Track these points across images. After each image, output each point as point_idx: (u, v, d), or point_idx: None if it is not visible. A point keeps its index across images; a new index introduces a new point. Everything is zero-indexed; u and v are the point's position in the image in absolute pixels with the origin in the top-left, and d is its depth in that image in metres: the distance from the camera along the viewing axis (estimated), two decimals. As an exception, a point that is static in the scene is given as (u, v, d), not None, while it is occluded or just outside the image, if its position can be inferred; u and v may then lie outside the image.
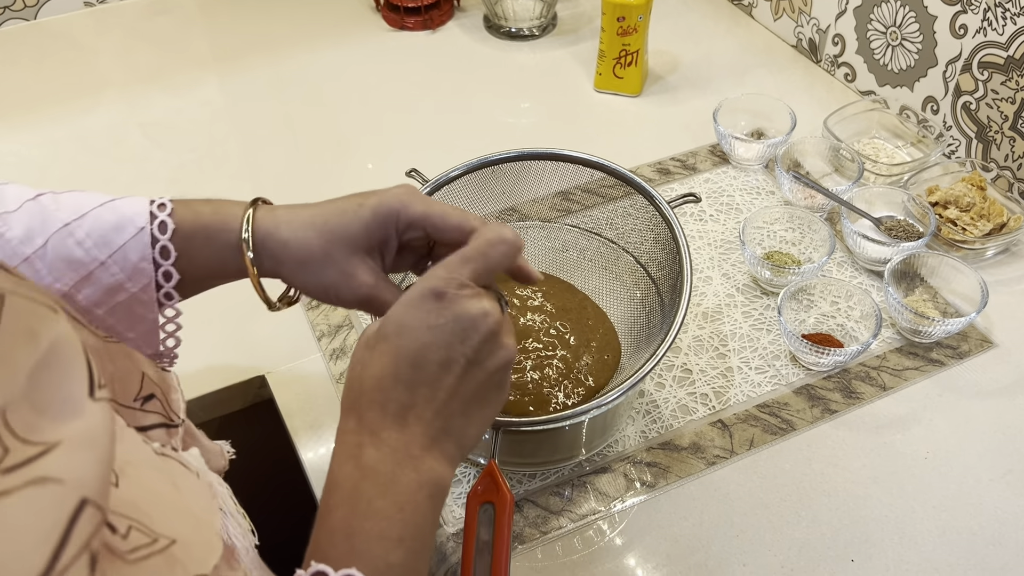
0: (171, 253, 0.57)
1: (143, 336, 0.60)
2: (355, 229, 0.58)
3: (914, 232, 0.99)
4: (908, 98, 1.15)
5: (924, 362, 0.90)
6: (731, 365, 0.90)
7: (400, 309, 0.52)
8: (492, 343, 0.53)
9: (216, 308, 0.97)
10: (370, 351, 0.52)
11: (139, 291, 0.57)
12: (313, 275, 0.59)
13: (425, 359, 0.51)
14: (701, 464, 0.82)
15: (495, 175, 0.83)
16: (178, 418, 0.51)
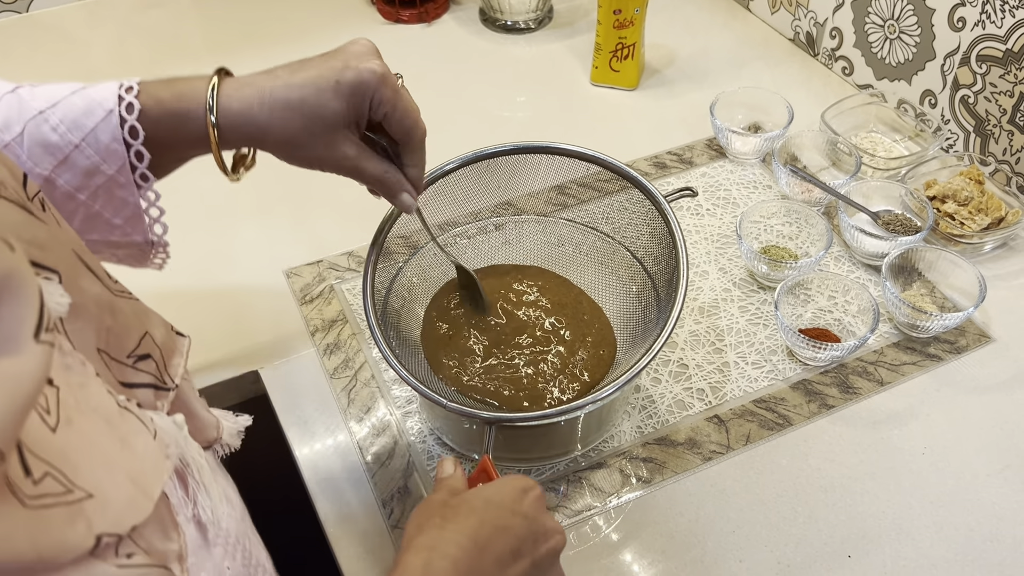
0: (139, 132, 0.58)
1: (130, 222, 0.62)
2: (335, 108, 0.60)
3: (912, 226, 0.98)
4: (906, 92, 1.14)
5: (921, 357, 0.90)
6: (727, 360, 0.90)
7: (493, 487, 0.56)
8: (554, 561, 0.57)
9: (209, 303, 0.96)
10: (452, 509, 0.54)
11: (115, 173, 0.59)
12: (295, 152, 0.62)
13: (501, 538, 0.53)
14: (697, 460, 0.82)
15: (490, 168, 0.82)
16: (172, 382, 0.51)
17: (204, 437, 0.57)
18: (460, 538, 0.52)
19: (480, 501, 0.54)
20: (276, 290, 0.97)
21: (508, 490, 0.55)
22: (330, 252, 1.01)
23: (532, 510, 0.55)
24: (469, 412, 0.68)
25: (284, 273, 0.99)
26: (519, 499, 0.55)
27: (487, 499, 0.54)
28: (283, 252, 1.01)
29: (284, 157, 0.63)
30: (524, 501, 0.55)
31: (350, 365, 0.89)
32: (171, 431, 0.46)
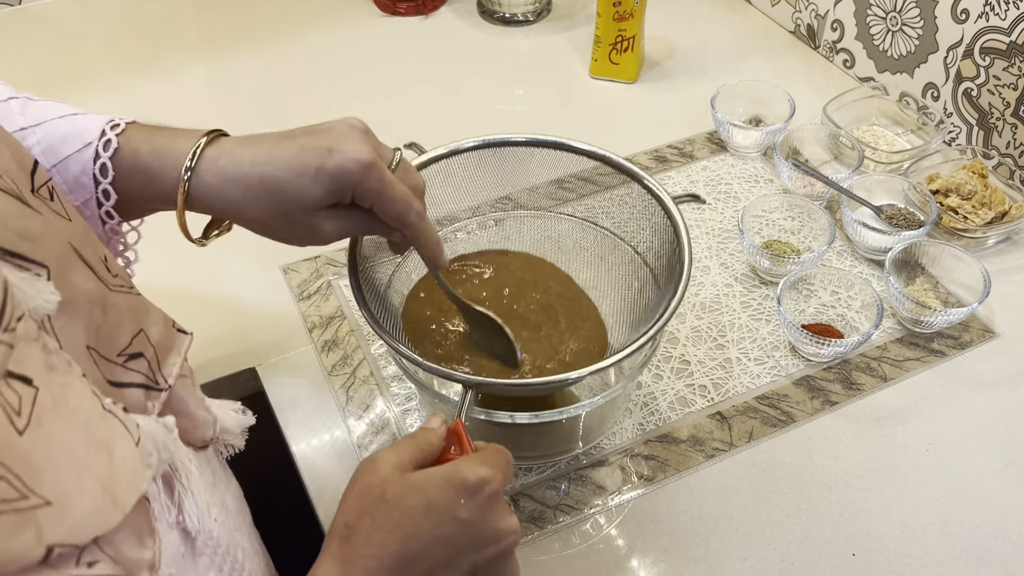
0: (109, 172, 0.56)
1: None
2: (314, 195, 0.57)
3: (915, 221, 0.97)
4: (908, 84, 1.13)
5: (925, 352, 0.89)
6: (730, 356, 0.89)
7: (436, 483, 0.51)
8: (503, 562, 0.53)
9: (205, 300, 0.95)
10: (387, 507, 0.50)
11: (81, 205, 0.57)
12: (271, 233, 0.61)
13: (435, 548, 0.50)
14: (700, 457, 0.81)
15: (497, 158, 0.80)
16: (165, 382, 0.49)
17: (198, 438, 0.55)
18: (383, 553, 0.49)
19: (420, 504, 0.50)
20: (273, 286, 0.96)
21: (454, 490, 0.50)
22: (328, 248, 1.00)
23: (477, 513, 0.50)
24: (446, 372, 0.65)
25: (281, 269, 0.98)
26: (466, 501, 0.50)
27: (428, 503, 0.50)
28: (280, 248, 0.99)
29: (260, 234, 0.61)
30: (471, 503, 0.50)
31: (348, 362, 0.88)
32: (159, 436, 0.44)
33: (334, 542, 0.51)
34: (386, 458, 0.52)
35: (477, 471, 0.51)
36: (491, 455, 0.54)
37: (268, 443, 0.88)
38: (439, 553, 0.50)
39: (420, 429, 0.56)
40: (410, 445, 0.54)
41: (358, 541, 0.49)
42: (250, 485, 0.99)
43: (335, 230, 0.60)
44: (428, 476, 0.51)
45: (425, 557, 0.49)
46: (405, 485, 0.51)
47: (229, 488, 0.61)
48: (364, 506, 0.50)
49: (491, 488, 0.51)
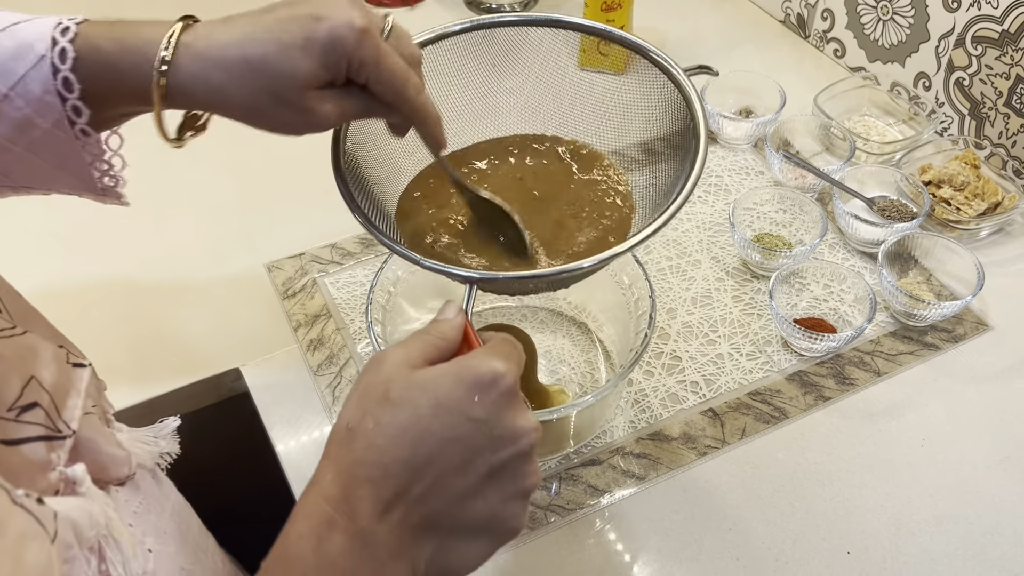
0: (74, 85, 0.50)
1: (75, 174, 0.55)
2: (305, 68, 0.51)
3: (907, 212, 0.96)
4: (899, 74, 1.12)
5: (919, 346, 0.88)
6: (721, 351, 0.88)
7: (446, 380, 0.45)
8: (523, 464, 0.47)
9: (187, 298, 0.94)
10: (392, 407, 0.45)
11: (51, 127, 0.51)
12: (260, 119, 0.54)
13: (446, 452, 0.44)
14: (692, 455, 0.80)
15: (486, 41, 0.76)
16: (67, 428, 0.44)
17: (114, 477, 0.51)
18: (388, 460, 0.44)
19: (428, 403, 0.44)
20: (257, 284, 0.95)
21: (466, 387, 0.45)
22: (313, 244, 0.98)
23: (492, 410, 0.45)
24: (444, 269, 0.57)
25: (265, 267, 0.96)
26: (478, 398, 0.45)
27: (437, 402, 0.44)
28: (264, 244, 0.98)
29: (246, 121, 0.55)
30: (485, 400, 0.45)
31: (335, 361, 0.87)
32: (82, 522, 0.39)
33: (333, 447, 0.46)
34: (393, 354, 0.47)
35: (490, 364, 0.45)
36: (501, 346, 0.48)
37: (252, 444, 0.86)
38: (452, 457, 0.44)
39: (433, 321, 0.50)
40: (421, 339, 0.48)
41: (360, 447, 0.44)
42: (233, 487, 0.98)
43: (331, 112, 0.54)
44: (437, 373, 0.46)
45: (436, 463, 0.44)
46: (411, 383, 0.45)
47: (165, 508, 0.56)
48: (367, 407, 0.45)
49: (505, 383, 0.45)
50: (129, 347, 0.89)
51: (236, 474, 0.97)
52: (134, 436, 0.58)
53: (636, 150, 0.77)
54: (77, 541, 0.39)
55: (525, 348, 0.82)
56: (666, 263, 0.96)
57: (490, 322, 0.90)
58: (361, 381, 0.47)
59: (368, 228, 0.60)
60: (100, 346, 0.88)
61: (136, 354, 0.88)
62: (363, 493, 0.44)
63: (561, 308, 0.92)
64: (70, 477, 0.43)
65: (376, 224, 0.61)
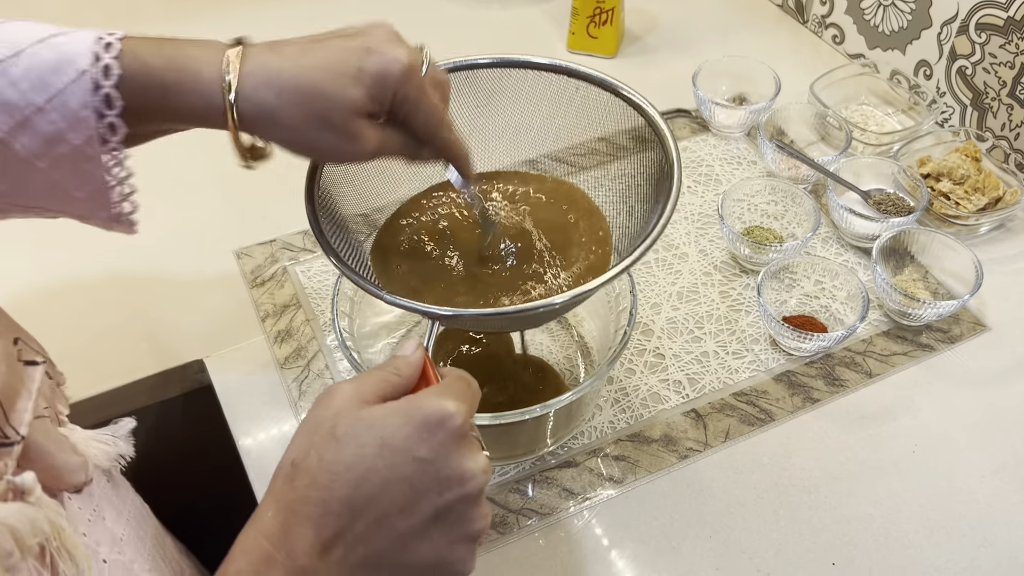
0: (115, 103, 0.50)
1: (93, 197, 0.54)
2: (354, 96, 0.52)
3: (904, 206, 0.92)
4: (900, 62, 1.08)
5: (913, 347, 0.84)
6: (707, 349, 0.84)
7: (394, 419, 0.44)
8: (471, 507, 0.45)
9: (150, 285, 0.90)
10: (336, 444, 0.44)
11: (82, 144, 0.50)
12: (303, 143, 0.55)
13: (390, 492, 0.43)
14: (672, 457, 0.76)
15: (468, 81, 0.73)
16: (16, 434, 0.43)
17: (70, 484, 0.49)
18: (330, 497, 0.43)
19: (374, 442, 0.43)
20: (225, 272, 0.91)
21: (413, 426, 0.44)
22: (284, 231, 0.94)
23: (440, 451, 0.44)
24: (408, 305, 0.57)
25: (234, 253, 0.92)
26: (426, 438, 0.44)
27: (383, 441, 0.43)
28: (233, 230, 0.94)
29: (289, 148, 0.56)
30: (432, 440, 0.44)
31: (303, 354, 0.83)
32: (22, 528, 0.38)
33: (277, 482, 0.45)
34: (344, 388, 0.46)
35: (439, 404, 0.45)
36: (454, 385, 0.48)
37: (215, 440, 0.83)
38: (395, 497, 0.44)
39: (392, 357, 0.50)
40: (376, 374, 0.48)
41: (302, 484, 0.44)
42: (195, 483, 0.95)
43: (373, 139, 0.55)
44: (386, 411, 0.45)
45: (379, 502, 0.43)
46: (359, 420, 0.45)
47: (122, 513, 0.55)
48: (312, 442, 0.45)
49: (454, 423, 0.45)
50: (92, 335, 0.85)
51: (200, 469, 0.93)
52: (89, 436, 0.56)
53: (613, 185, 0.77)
54: (18, 548, 0.39)
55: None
56: (651, 255, 0.92)
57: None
58: (310, 415, 0.47)
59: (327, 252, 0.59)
60: (62, 335, 0.85)
61: (99, 343, 0.84)
62: (303, 531, 0.43)
63: (541, 301, 0.88)
64: (19, 486, 0.42)
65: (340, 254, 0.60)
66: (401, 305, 0.57)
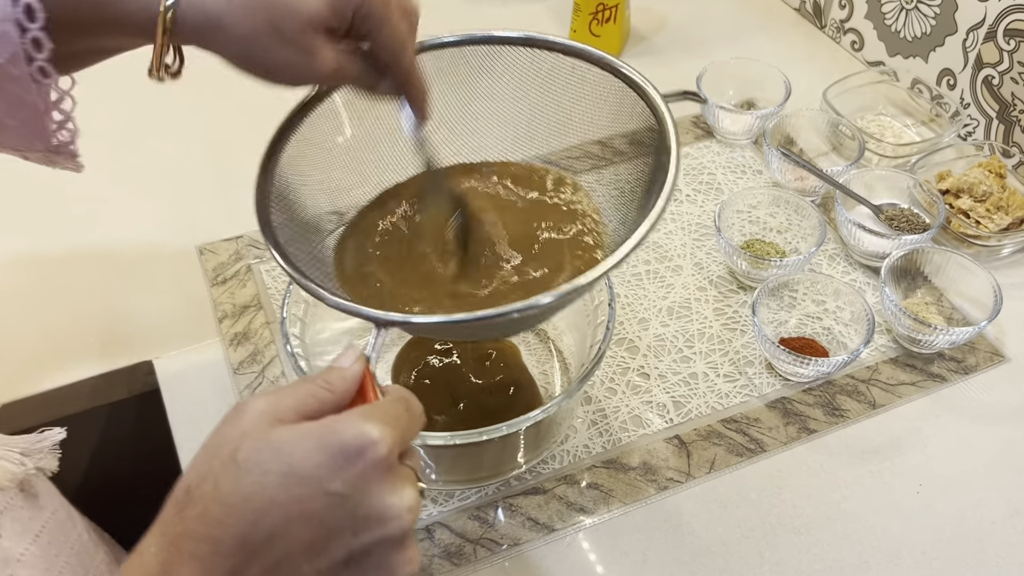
0: (37, 14, 0.44)
1: (27, 125, 0.49)
2: (312, 5, 0.48)
3: (919, 223, 0.85)
4: (922, 70, 1.00)
5: (923, 376, 0.77)
6: (696, 371, 0.77)
7: (306, 444, 0.38)
8: (393, 551, 0.39)
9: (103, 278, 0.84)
10: (236, 470, 0.38)
11: (6, 63, 0.45)
12: (255, 56, 0.49)
13: (294, 530, 0.37)
14: (651, 488, 0.70)
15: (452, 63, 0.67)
16: None
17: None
18: (221, 535, 0.37)
19: (278, 469, 0.37)
20: (185, 268, 0.85)
21: (327, 454, 0.38)
22: (253, 226, 0.88)
23: (358, 484, 0.38)
24: (353, 309, 0.49)
25: (197, 249, 0.87)
26: (341, 468, 0.38)
27: (289, 469, 0.37)
28: (200, 224, 0.89)
29: (239, 63, 0.50)
30: (348, 471, 0.38)
31: (258, 359, 0.77)
32: None
33: (169, 511, 0.39)
34: (258, 403, 0.40)
35: (360, 429, 0.38)
36: (388, 408, 0.41)
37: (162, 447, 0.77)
38: (301, 536, 0.37)
39: (327, 368, 0.44)
40: (302, 388, 0.41)
41: (192, 515, 0.38)
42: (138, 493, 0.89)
43: (330, 60, 0.51)
44: (297, 433, 0.38)
45: (280, 541, 0.37)
46: (266, 443, 0.38)
47: (30, 529, 0.50)
48: (211, 467, 0.38)
49: (376, 452, 0.38)
50: (40, 330, 0.79)
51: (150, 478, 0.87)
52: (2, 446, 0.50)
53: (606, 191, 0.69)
54: None
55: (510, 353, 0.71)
56: (643, 267, 0.85)
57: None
58: (215, 433, 0.40)
59: (262, 229, 0.54)
60: (3, 329, 0.79)
61: (47, 339, 0.79)
62: (187, 572, 0.37)
63: (519, 312, 0.81)
64: None
65: (276, 232, 0.54)
66: (343, 307, 0.50)
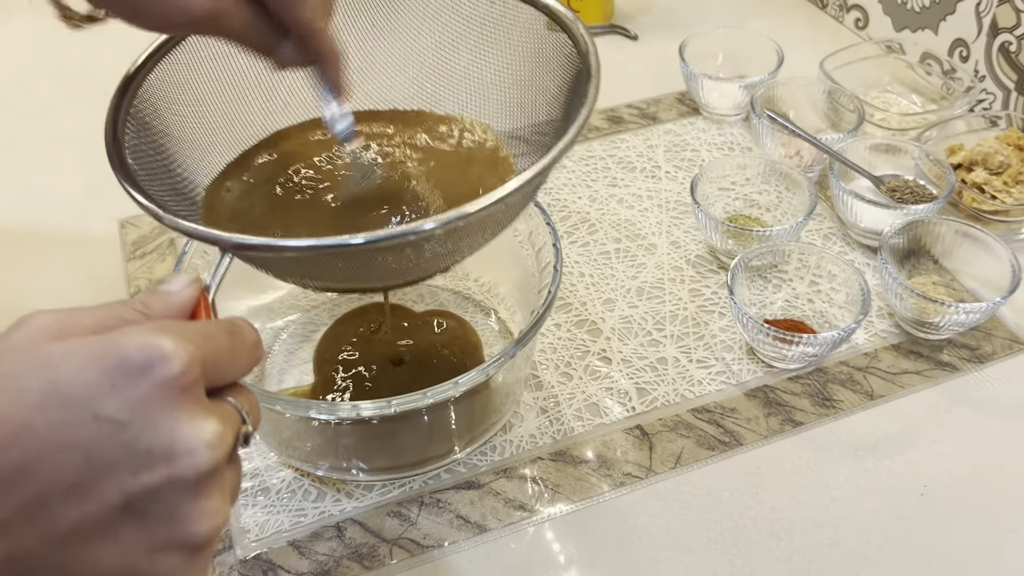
0: None
1: None
2: None
3: (925, 195, 0.75)
4: (931, 43, 0.91)
5: (930, 365, 0.66)
6: (665, 355, 0.67)
7: (77, 358, 0.30)
8: (185, 498, 0.30)
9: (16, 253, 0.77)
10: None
11: None
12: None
13: (52, 463, 0.29)
14: (604, 484, 0.59)
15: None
16: None
17: None
18: None
19: (39, 387, 0.29)
20: (103, 241, 0.77)
21: (101, 370, 0.29)
22: (182, 200, 0.80)
23: (139, 409, 0.29)
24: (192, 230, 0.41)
25: (119, 222, 0.78)
26: (118, 388, 0.29)
27: (52, 387, 0.29)
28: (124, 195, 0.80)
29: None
30: (128, 392, 0.29)
31: (168, 336, 0.68)
32: None
33: None
34: (44, 317, 0.32)
35: (150, 341, 0.30)
36: (193, 325, 0.33)
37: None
38: (62, 471, 0.29)
39: (148, 291, 0.36)
40: (105, 309, 0.33)
41: None
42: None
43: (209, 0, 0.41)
44: (69, 347, 0.30)
45: (34, 477, 0.29)
46: (30, 356, 0.30)
47: None
48: None
49: (168, 370, 0.30)
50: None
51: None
52: None
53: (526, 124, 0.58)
54: None
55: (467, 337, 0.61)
56: (612, 245, 0.76)
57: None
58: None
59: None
60: None
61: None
62: None
63: (468, 289, 0.72)
64: None
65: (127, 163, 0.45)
66: (181, 228, 0.41)
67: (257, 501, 0.58)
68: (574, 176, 0.83)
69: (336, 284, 0.49)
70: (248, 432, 0.34)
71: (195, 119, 0.52)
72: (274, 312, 0.69)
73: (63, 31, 1.00)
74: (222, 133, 0.54)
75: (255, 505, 0.58)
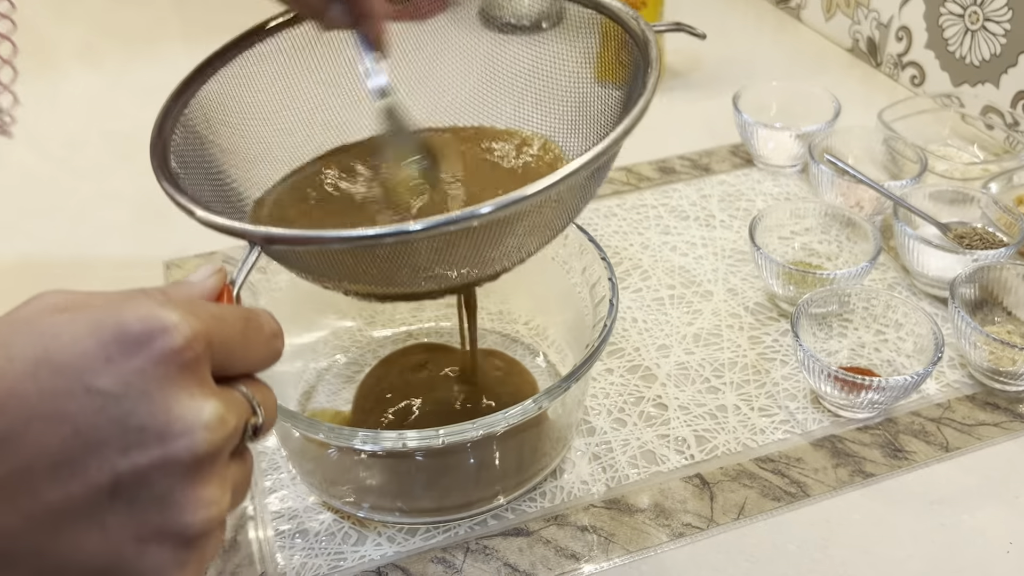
0: None
1: None
2: None
3: (995, 242, 0.72)
4: (992, 96, 0.89)
5: (1008, 417, 0.62)
6: (725, 403, 0.64)
7: (73, 327, 0.28)
8: (179, 483, 0.28)
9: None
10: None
11: None
12: None
13: (37, 436, 0.27)
14: (663, 534, 0.55)
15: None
16: None
17: None
18: None
19: (31, 354, 0.27)
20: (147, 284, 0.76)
21: (97, 339, 0.28)
22: (230, 242, 0.79)
23: (135, 382, 0.28)
24: (220, 223, 0.41)
25: (164, 264, 0.78)
26: (113, 359, 0.27)
27: (46, 353, 0.27)
28: (171, 237, 0.80)
29: None
30: (123, 363, 0.28)
31: (209, 374, 0.67)
32: None
33: None
34: (55, 295, 0.30)
35: (150, 311, 0.28)
36: (204, 303, 0.32)
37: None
38: (45, 445, 0.27)
39: (173, 281, 0.36)
40: (121, 293, 0.31)
41: None
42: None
43: None
44: (69, 316, 0.28)
45: (14, 448, 0.27)
46: (28, 327, 0.28)
47: None
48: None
49: (168, 342, 0.28)
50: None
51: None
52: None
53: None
54: None
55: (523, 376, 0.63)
56: (666, 291, 0.73)
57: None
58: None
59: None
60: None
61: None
62: None
63: (516, 332, 0.70)
64: None
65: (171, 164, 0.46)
66: (209, 222, 0.41)
67: (295, 544, 0.56)
68: (625, 223, 0.81)
69: (377, 288, 0.48)
70: (258, 424, 0.32)
71: (244, 132, 0.52)
72: (318, 353, 0.67)
73: (116, 90, 1.02)
74: (270, 148, 0.54)
75: (292, 548, 0.55)
